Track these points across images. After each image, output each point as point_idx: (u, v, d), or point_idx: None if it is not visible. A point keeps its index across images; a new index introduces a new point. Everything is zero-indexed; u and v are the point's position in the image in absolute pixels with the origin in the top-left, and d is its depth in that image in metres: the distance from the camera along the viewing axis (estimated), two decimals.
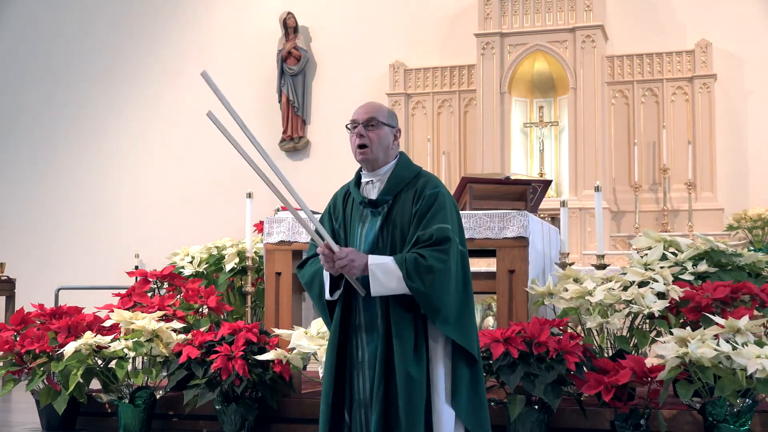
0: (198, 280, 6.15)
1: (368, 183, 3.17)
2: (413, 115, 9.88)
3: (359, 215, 3.14)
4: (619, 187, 9.24)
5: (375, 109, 3.16)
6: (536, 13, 9.20)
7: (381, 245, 3.06)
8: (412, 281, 2.93)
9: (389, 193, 3.10)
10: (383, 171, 3.15)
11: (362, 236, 3.11)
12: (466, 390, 3.03)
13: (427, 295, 2.94)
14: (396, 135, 3.19)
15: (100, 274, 10.19)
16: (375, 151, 3.11)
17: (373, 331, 3.04)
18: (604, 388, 4.39)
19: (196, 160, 10.78)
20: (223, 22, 11.04)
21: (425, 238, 2.98)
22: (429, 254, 2.95)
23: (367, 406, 3.03)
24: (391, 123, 3.17)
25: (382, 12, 10.38)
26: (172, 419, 5.45)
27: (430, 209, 3.03)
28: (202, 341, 5.15)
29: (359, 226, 3.13)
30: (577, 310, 5.00)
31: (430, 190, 3.07)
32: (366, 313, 3.06)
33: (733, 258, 5.41)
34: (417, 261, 2.94)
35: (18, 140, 11.72)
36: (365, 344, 3.06)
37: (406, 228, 3.05)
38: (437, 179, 3.15)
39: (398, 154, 3.20)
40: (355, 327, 3.08)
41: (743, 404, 4.30)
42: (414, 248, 2.98)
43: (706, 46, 9.07)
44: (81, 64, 11.53)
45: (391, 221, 3.08)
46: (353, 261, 2.95)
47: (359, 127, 3.11)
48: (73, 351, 5.15)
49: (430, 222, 3.01)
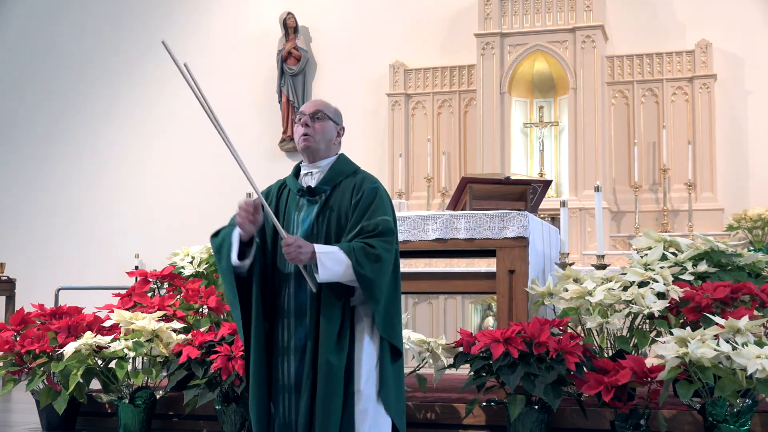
0: (198, 280, 6.15)
1: (307, 174, 3.27)
2: (413, 115, 9.88)
3: (295, 204, 3.23)
4: (619, 187, 9.24)
5: (322, 103, 3.30)
6: (536, 14, 9.20)
7: (315, 232, 3.15)
8: (362, 268, 3.00)
9: (328, 183, 3.21)
10: (323, 164, 3.25)
11: (297, 222, 3.19)
12: (392, 383, 3.13)
13: (373, 282, 3.03)
14: (339, 132, 3.30)
15: (100, 275, 10.19)
16: (318, 141, 3.22)
17: (302, 317, 3.11)
18: (604, 388, 4.40)
19: (196, 160, 10.78)
20: (223, 22, 11.05)
21: (370, 229, 3.07)
22: (377, 243, 3.05)
23: (292, 392, 3.10)
24: (336, 120, 3.30)
25: (382, 12, 10.38)
26: (172, 419, 5.46)
27: (372, 203, 3.13)
28: (202, 341, 5.16)
29: (295, 213, 3.22)
30: (577, 310, 5.01)
31: (370, 185, 3.18)
32: (296, 300, 3.13)
33: (733, 258, 5.41)
34: (366, 249, 3.02)
35: (18, 140, 11.72)
36: (293, 330, 3.12)
37: (343, 218, 3.15)
38: (375, 177, 3.27)
39: (339, 154, 3.32)
40: (283, 312, 3.14)
41: (743, 404, 4.31)
42: (359, 238, 3.07)
43: (706, 46, 9.07)
44: (80, 64, 11.53)
45: (328, 210, 3.17)
46: (300, 248, 2.99)
47: (305, 118, 3.23)
48: (73, 351, 5.16)
49: (373, 214, 3.11)
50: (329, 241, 3.11)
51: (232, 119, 10.60)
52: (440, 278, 5.41)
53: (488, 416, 4.96)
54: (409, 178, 9.77)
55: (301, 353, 3.10)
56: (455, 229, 5.25)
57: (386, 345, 3.14)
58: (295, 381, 3.10)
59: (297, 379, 3.09)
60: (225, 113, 10.62)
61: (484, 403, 4.90)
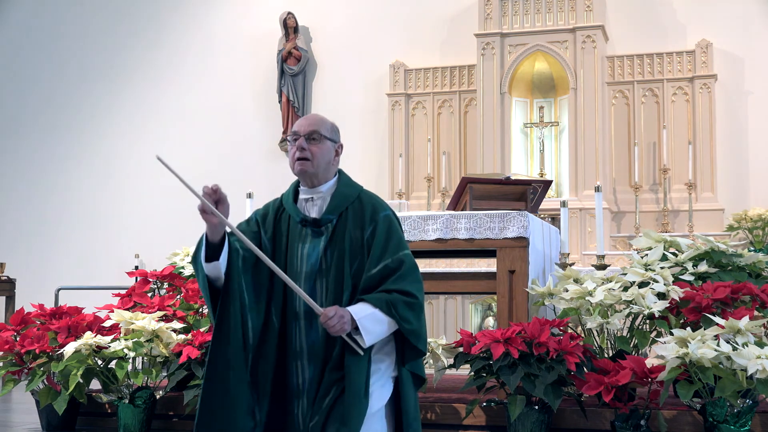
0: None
1: (308, 200, 3.04)
2: (413, 115, 9.89)
3: (298, 234, 2.99)
4: (620, 188, 9.25)
5: (318, 121, 3.04)
6: (536, 14, 9.21)
7: (324, 267, 2.93)
8: (408, 324, 2.86)
9: (333, 213, 2.98)
10: (324, 189, 3.03)
11: (303, 256, 2.96)
12: (413, 412, 2.97)
13: (420, 331, 2.90)
14: (338, 150, 3.07)
15: (100, 275, 10.20)
16: (315, 165, 2.98)
17: (314, 356, 2.90)
18: (604, 389, 4.40)
19: (196, 161, 10.78)
20: (223, 22, 11.06)
21: (394, 267, 2.90)
22: (411, 288, 2.89)
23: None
24: (334, 138, 3.06)
25: (382, 12, 10.39)
26: (172, 419, 5.46)
27: (388, 235, 2.94)
28: (202, 341, 5.17)
29: (298, 244, 2.98)
30: (577, 311, 5.01)
31: (382, 213, 2.98)
32: (308, 340, 2.92)
33: (733, 258, 5.40)
34: (406, 301, 2.86)
35: (18, 140, 11.73)
36: (306, 372, 2.91)
37: (355, 251, 2.93)
38: (381, 199, 3.07)
39: (338, 172, 3.09)
40: (295, 354, 2.93)
41: (743, 405, 4.31)
42: (389, 282, 2.88)
43: (707, 46, 9.08)
44: (81, 65, 11.54)
45: (336, 242, 2.95)
46: (343, 318, 2.79)
47: (300, 140, 2.99)
48: (73, 351, 5.16)
49: (394, 248, 2.92)
50: (339, 276, 2.91)
51: (232, 119, 10.63)
52: (440, 278, 5.42)
53: (488, 416, 4.97)
54: (410, 178, 9.78)
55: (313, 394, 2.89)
56: (455, 229, 5.26)
57: (406, 374, 2.97)
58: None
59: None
60: (225, 113, 10.74)
61: (484, 403, 4.90)
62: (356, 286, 2.92)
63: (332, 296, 2.91)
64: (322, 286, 2.94)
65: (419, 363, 2.99)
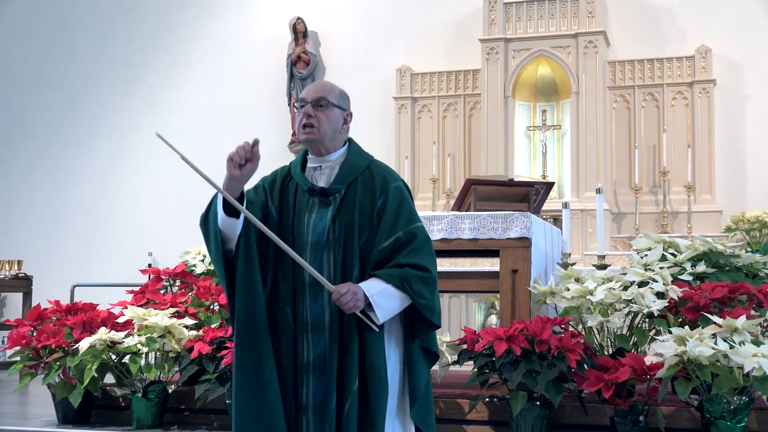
0: (209, 278, 6.22)
1: (316, 169, 2.91)
2: (419, 118, 9.95)
3: (305, 202, 2.87)
4: (620, 190, 9.29)
5: (326, 88, 2.92)
6: (540, 20, 9.28)
7: (332, 237, 2.79)
8: (423, 298, 2.73)
9: (342, 182, 2.84)
10: (333, 157, 2.89)
11: (309, 225, 2.82)
12: (424, 392, 2.83)
13: (434, 304, 2.78)
14: (346, 118, 2.93)
15: (114, 272, 10.23)
16: (322, 132, 2.85)
17: (320, 332, 2.78)
18: (604, 385, 4.44)
19: (207, 160, 10.85)
20: (234, 26, 11.11)
21: (406, 240, 2.76)
22: (425, 262, 2.75)
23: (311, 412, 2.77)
24: (342, 105, 2.92)
25: (389, 18, 10.44)
26: (184, 413, 5.52)
27: (400, 206, 2.80)
28: (213, 337, 5.23)
29: (306, 213, 2.85)
30: (578, 309, 5.05)
31: (393, 184, 2.84)
32: (312, 314, 2.80)
33: (731, 259, 5.44)
34: (420, 276, 2.73)
35: (33, 140, 11.72)
36: (311, 346, 2.79)
37: (363, 222, 2.79)
38: (392, 170, 2.92)
39: (348, 141, 2.95)
40: (303, 326, 2.80)
41: (740, 401, 4.35)
42: (401, 256, 2.75)
43: (706, 52, 9.13)
44: (97, 67, 11.54)
45: (344, 213, 2.81)
46: (356, 294, 2.67)
47: (307, 107, 2.86)
48: (88, 346, 5.23)
49: (406, 220, 2.78)
50: (348, 248, 2.77)
51: (242, 121, 10.68)
52: (445, 277, 5.39)
53: (491, 412, 5.01)
54: (415, 180, 9.83)
55: (319, 370, 2.76)
56: (460, 229, 5.27)
57: (422, 351, 2.84)
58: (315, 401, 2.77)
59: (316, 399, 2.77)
60: (236, 115, 10.79)
61: (487, 399, 4.97)
62: (366, 260, 2.78)
63: (341, 269, 2.78)
64: (329, 259, 2.80)
65: (432, 337, 2.85)
